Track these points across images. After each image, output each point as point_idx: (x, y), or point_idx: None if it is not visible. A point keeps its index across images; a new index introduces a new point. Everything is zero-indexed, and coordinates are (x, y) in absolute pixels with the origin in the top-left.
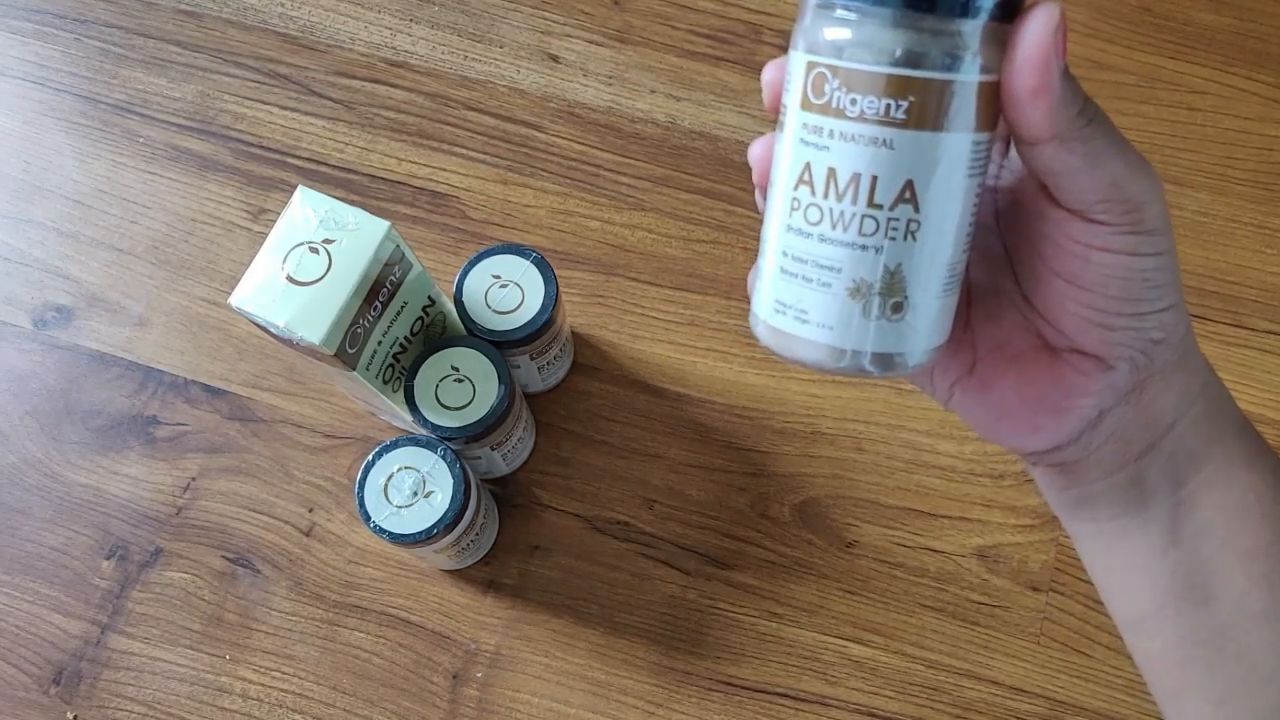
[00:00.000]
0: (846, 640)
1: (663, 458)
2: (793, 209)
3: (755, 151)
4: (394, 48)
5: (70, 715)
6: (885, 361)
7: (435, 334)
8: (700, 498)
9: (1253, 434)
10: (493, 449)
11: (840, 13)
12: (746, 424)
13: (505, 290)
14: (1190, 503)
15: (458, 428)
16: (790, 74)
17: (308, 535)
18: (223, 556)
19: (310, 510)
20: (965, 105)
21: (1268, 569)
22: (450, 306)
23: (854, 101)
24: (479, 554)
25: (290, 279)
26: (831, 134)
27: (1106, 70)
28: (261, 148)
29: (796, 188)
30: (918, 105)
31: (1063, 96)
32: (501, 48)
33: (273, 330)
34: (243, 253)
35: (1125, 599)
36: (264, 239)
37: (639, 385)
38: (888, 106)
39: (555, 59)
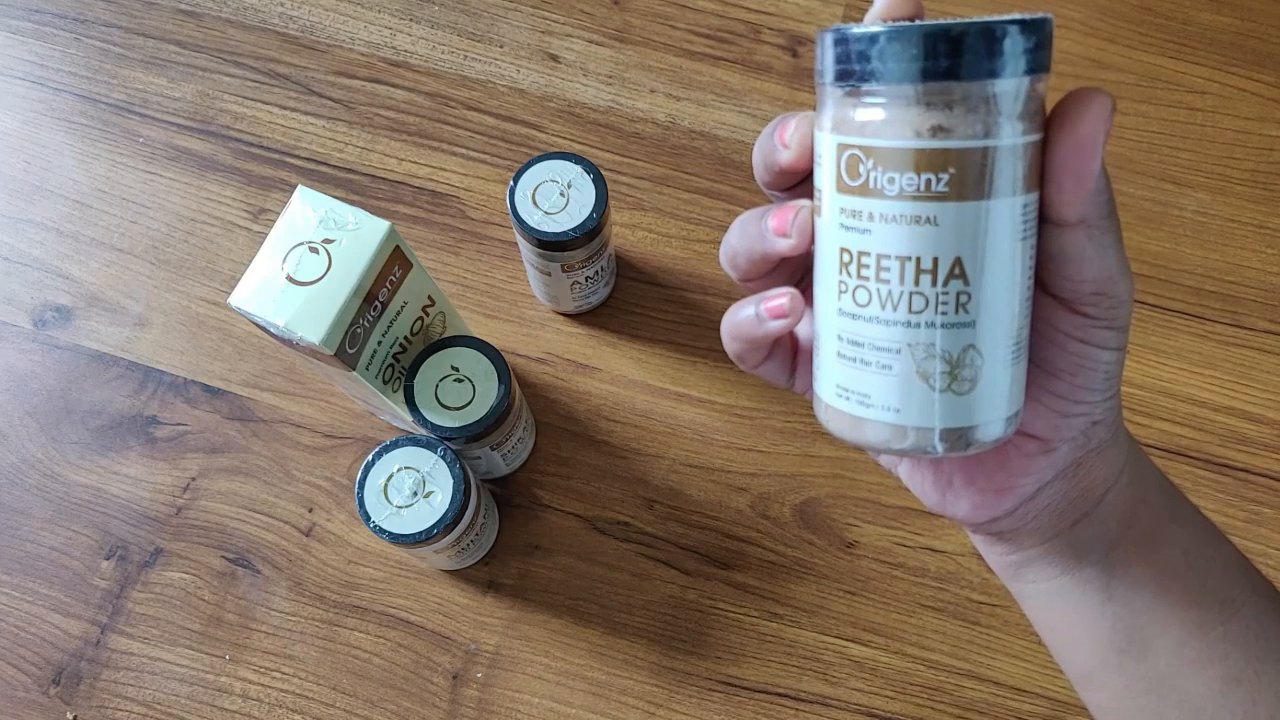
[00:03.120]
0: (847, 640)
1: (663, 458)
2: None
3: (793, 135)
4: (394, 47)
5: (70, 715)
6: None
7: (435, 334)
8: (700, 498)
9: (1173, 490)
10: (493, 449)
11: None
12: (746, 424)
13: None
14: (1122, 562)
15: (458, 428)
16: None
17: (308, 535)
18: (223, 556)
19: (310, 510)
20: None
21: (1199, 617)
22: (450, 306)
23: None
24: (479, 554)
25: (290, 279)
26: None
27: (1106, 70)
28: (261, 147)
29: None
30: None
31: (1099, 181)
32: (501, 47)
33: (273, 330)
34: (243, 253)
35: (1071, 655)
36: (264, 239)
37: (639, 385)
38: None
39: (555, 59)
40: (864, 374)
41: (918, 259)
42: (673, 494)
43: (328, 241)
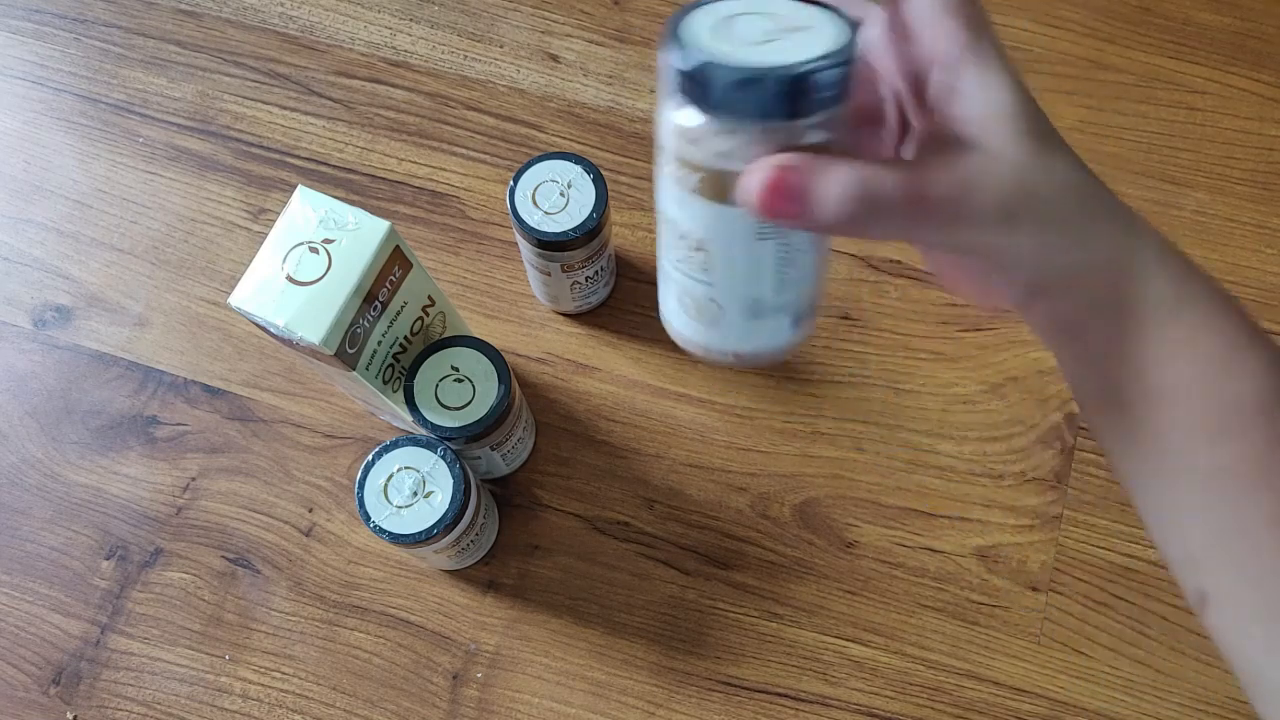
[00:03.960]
0: (847, 640)
1: (663, 458)
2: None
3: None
4: (394, 47)
5: (70, 715)
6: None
7: (435, 334)
8: (700, 498)
9: (1220, 293)
10: (493, 449)
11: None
12: (746, 424)
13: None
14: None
15: (458, 428)
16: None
17: (308, 535)
18: (223, 556)
19: (310, 510)
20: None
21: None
22: (450, 306)
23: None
24: (479, 554)
25: (290, 279)
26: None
27: (1105, 70)
28: (261, 148)
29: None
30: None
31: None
32: (501, 47)
33: (273, 330)
34: (243, 253)
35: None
36: (264, 239)
37: (639, 385)
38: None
39: (555, 59)
40: (663, 289)
41: (677, 225)
42: (673, 494)
43: (328, 241)
